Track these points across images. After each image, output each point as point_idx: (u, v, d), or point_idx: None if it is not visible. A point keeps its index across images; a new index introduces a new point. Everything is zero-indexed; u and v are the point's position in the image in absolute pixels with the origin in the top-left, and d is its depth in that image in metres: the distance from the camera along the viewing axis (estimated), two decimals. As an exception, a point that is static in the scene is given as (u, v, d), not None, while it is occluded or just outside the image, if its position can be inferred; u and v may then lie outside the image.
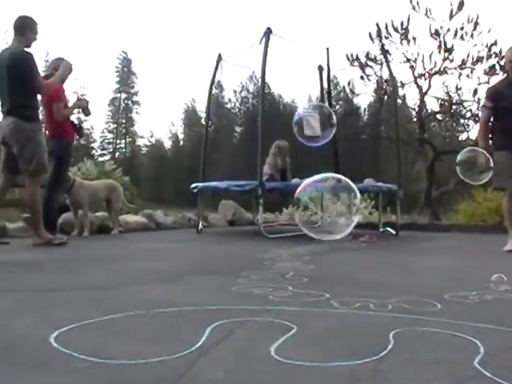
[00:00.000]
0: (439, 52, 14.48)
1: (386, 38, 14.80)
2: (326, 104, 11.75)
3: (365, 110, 17.25)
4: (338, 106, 19.05)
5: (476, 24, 14.22)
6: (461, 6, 14.17)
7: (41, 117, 7.88)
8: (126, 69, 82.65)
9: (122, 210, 10.57)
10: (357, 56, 14.40)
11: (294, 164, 11.47)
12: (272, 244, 8.11)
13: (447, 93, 15.18)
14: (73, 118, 8.91)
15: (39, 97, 7.68)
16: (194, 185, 10.59)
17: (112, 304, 3.57)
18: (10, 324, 3.05)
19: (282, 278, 4.75)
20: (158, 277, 4.86)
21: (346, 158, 12.32)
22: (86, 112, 8.84)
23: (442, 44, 14.41)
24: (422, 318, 3.26)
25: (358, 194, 4.32)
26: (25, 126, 7.17)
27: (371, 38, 14.97)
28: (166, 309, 3.39)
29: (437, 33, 14.42)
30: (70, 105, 8.80)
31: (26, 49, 7.32)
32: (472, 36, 14.23)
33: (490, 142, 7.68)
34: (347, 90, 15.94)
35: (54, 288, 4.21)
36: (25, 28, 7.38)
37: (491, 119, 7.51)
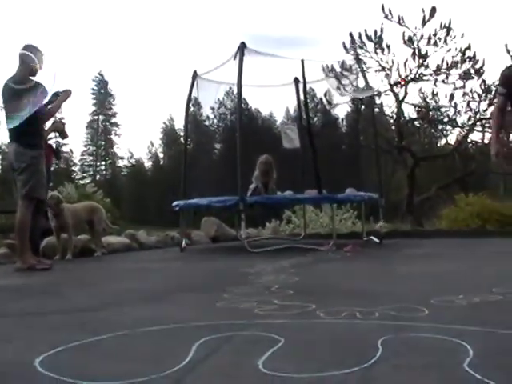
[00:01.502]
0: (413, 59, 14.56)
1: (361, 47, 14.87)
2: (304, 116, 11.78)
3: (343, 120, 17.37)
4: (316, 118, 19.10)
5: (449, 29, 14.30)
6: (433, 12, 14.25)
7: None
8: (102, 90, 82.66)
9: (105, 232, 10.50)
10: (332, 66, 14.44)
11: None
12: (256, 258, 8.09)
13: (424, 99, 15.24)
14: (51, 141, 8.87)
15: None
16: (175, 203, 10.56)
17: (97, 325, 3.54)
18: (-5, 350, 3.01)
19: (268, 291, 4.73)
20: (143, 296, 4.82)
21: (327, 169, 12.32)
22: (63, 135, 8.81)
23: (416, 51, 14.48)
24: (410, 324, 3.26)
25: None
26: (26, 152, 7.31)
27: (345, 48, 15.04)
28: (151, 327, 3.36)
29: (410, 40, 14.48)
30: (46, 128, 8.76)
31: (30, 77, 7.41)
32: (445, 41, 14.31)
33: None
34: (324, 102, 15.98)
35: (39, 312, 4.17)
36: (28, 56, 7.48)
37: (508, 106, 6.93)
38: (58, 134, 9.15)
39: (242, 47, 9.89)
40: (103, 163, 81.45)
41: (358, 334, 3.13)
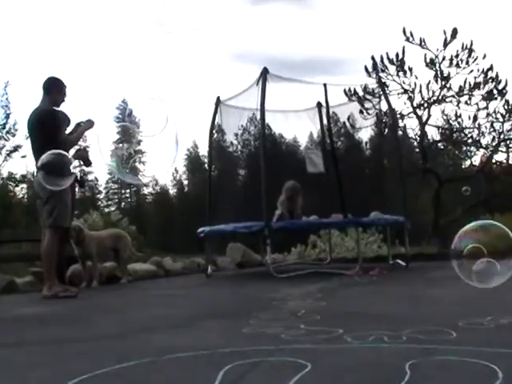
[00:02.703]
0: (436, 81, 14.53)
1: (383, 70, 14.87)
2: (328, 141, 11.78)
3: (366, 143, 17.30)
4: (339, 142, 19.11)
5: (470, 51, 14.28)
6: (454, 33, 14.25)
7: None
8: (127, 119, 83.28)
9: (131, 259, 10.54)
10: (354, 90, 14.44)
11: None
12: (282, 284, 8.07)
13: (447, 121, 15.19)
14: (75, 170, 8.91)
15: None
16: (200, 229, 10.57)
17: (124, 352, 3.55)
18: (24, 377, 3.03)
19: (294, 316, 4.71)
20: (169, 323, 4.82)
21: (351, 193, 12.28)
22: (87, 163, 8.85)
23: (439, 73, 14.47)
24: (438, 347, 3.23)
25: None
26: None
27: (368, 72, 15.06)
28: (177, 354, 3.36)
29: (432, 62, 14.48)
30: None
31: (54, 108, 7.57)
32: (467, 63, 14.28)
33: None
34: (347, 125, 15.98)
35: (66, 339, 4.19)
36: (52, 88, 7.69)
37: None
38: (82, 163, 9.20)
39: (265, 72, 9.93)
40: (128, 191, 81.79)
41: (385, 358, 3.11)
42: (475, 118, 14.51)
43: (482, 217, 12.88)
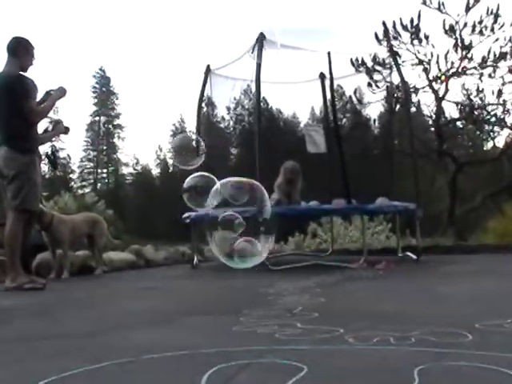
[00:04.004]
0: (456, 51, 14.46)
1: (395, 38, 14.84)
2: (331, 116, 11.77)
3: (375, 121, 17.23)
4: (344, 119, 19.09)
5: (497, 16, 14.18)
6: (478, -5, 14.16)
7: None
8: (104, 88, 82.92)
9: (107, 247, 10.54)
10: (362, 60, 14.43)
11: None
12: (277, 277, 8.07)
13: (467, 96, 15.14)
14: (46, 147, 8.84)
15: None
16: (186, 214, 10.56)
17: (98, 351, 3.54)
18: (-17, 380, 3.01)
19: (290, 313, 4.71)
20: (149, 319, 4.82)
21: (357, 176, 12.29)
22: (67, 130, 8.60)
23: (459, 41, 14.40)
24: (451, 351, 3.22)
25: None
26: (17, 158, 7.29)
27: (378, 39, 15.01)
28: (158, 354, 3.35)
29: (452, 29, 14.41)
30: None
31: (21, 73, 7.45)
32: (492, 30, 14.21)
33: None
34: (354, 100, 15.96)
35: (31, 337, 4.17)
36: (18, 50, 7.52)
37: None
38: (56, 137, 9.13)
39: (261, 39, 9.88)
40: (105, 170, 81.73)
41: (391, 362, 3.11)
42: (500, 93, 14.47)
43: (504, 205, 12.90)
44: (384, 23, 14.86)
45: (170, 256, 11.76)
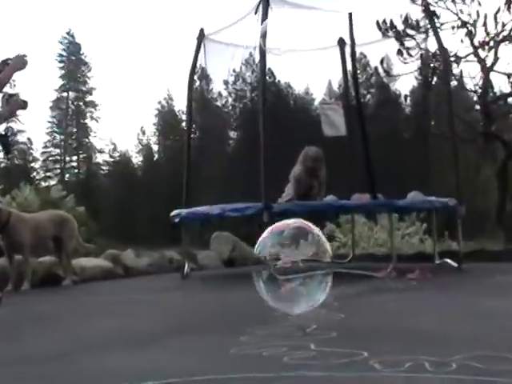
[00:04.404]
0: (508, 9, 14.40)
1: (433, -6, 14.79)
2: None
3: (406, 97, 17.13)
4: (368, 96, 19.10)
5: None
6: None
7: None
8: (73, 57, 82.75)
9: (77, 252, 10.55)
10: (391, 23, 14.39)
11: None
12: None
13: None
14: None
15: None
16: (175, 212, 10.55)
17: (65, 379, 3.55)
18: None
19: (301, 332, 4.72)
20: (129, 339, 4.83)
21: (384, 165, 12.29)
22: (25, 105, 8.54)
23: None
24: (498, 380, 3.23)
25: None
26: None
27: (411, -4, 14.97)
28: (141, 383, 3.36)
29: (504, -19, 14.34)
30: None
31: None
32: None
33: None
34: (380, 72, 15.93)
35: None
36: None
37: None
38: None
39: (267, -4, 9.88)
40: (74, 158, 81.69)
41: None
42: None
43: None
44: (419, -24, 14.81)
45: (155, 263, 11.76)
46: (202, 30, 11.43)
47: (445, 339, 4.38)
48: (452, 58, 14.40)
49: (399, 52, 14.16)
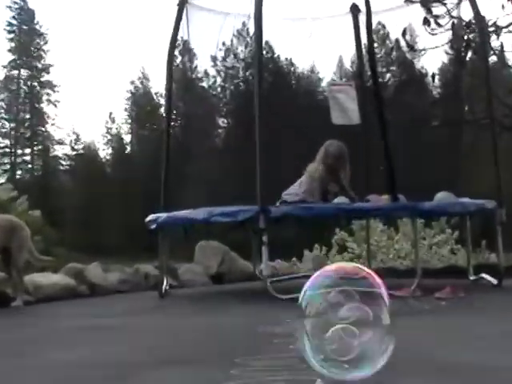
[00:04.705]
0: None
1: None
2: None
3: (434, 76, 17.01)
4: (388, 75, 19.14)
5: None
6: None
7: None
8: (25, 26, 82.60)
9: (31, 266, 10.55)
10: (416, -16, 14.40)
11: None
12: (287, 310, 8.07)
13: None
14: None
15: None
16: (151, 217, 10.55)
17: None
18: None
19: (306, 364, 4.73)
20: (95, 374, 4.83)
21: (406, 159, 12.30)
22: None
23: None
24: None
25: None
26: None
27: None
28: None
29: None
30: None
31: None
32: None
33: None
34: (403, 46, 15.95)
35: None
36: None
37: None
38: None
39: (263, -47, 9.89)
40: (28, 151, 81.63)
41: None
42: None
43: None
44: None
45: (127, 279, 11.77)
46: (183, -6, 11.43)
47: (481, 372, 4.39)
48: (491, 28, 14.41)
49: (426, 21, 14.16)
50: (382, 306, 4.20)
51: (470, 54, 14.88)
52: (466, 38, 14.65)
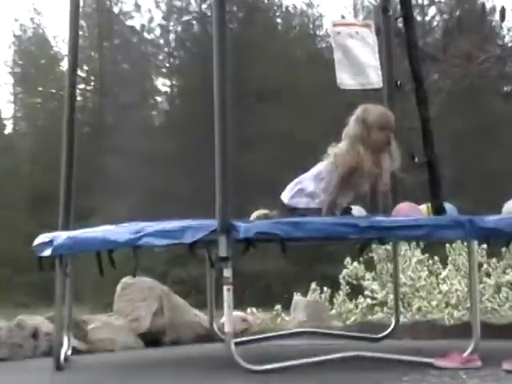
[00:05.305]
0: None
1: None
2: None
3: (504, 13, 16.80)
4: (432, 8, 19.36)
5: None
6: None
7: None
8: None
9: None
10: None
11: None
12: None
13: None
14: None
15: None
16: (43, 238, 10.47)
17: None
18: None
19: None
20: None
21: (455, 147, 12.41)
22: None
23: None
24: None
25: None
26: None
27: None
28: None
29: None
30: None
31: None
32: None
33: None
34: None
35: None
36: None
37: None
38: None
39: None
40: None
41: None
42: None
43: None
44: None
45: (5, 339, 11.75)
46: None
47: None
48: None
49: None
50: None
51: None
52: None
